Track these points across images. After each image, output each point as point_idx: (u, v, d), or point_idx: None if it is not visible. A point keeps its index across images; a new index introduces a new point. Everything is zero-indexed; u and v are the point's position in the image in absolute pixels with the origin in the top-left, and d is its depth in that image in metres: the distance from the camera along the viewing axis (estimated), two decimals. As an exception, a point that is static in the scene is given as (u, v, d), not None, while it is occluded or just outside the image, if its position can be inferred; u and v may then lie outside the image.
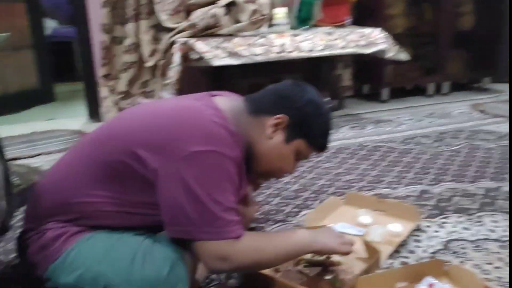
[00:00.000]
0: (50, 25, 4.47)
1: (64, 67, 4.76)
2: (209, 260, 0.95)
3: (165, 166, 0.93)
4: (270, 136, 1.06)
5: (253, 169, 1.11)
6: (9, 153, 2.35)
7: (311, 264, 1.24)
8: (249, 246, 0.98)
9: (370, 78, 3.58)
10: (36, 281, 1.04)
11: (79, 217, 1.02)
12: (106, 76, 2.78)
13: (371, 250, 1.28)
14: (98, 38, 2.77)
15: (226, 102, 1.07)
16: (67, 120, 3.10)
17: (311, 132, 1.09)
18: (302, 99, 1.07)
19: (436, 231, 1.47)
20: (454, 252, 1.34)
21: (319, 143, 1.12)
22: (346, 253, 1.14)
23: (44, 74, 3.70)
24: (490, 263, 1.28)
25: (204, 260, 0.96)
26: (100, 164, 1.01)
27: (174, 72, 2.28)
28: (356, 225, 1.49)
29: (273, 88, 1.13)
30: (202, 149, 0.93)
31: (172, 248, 0.99)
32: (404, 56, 2.84)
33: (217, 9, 2.43)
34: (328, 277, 1.20)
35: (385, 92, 3.47)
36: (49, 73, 3.85)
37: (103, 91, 2.79)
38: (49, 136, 2.74)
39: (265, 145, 1.07)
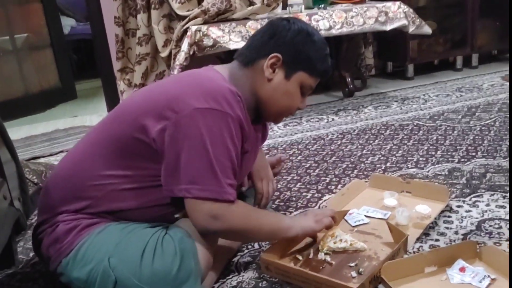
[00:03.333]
0: (69, 23, 4.50)
1: (85, 64, 4.82)
2: (201, 217, 0.95)
3: (168, 127, 0.94)
4: (270, 77, 1.07)
5: (265, 115, 1.13)
6: (30, 152, 2.38)
7: (334, 252, 1.18)
8: (241, 211, 1.00)
9: (394, 55, 3.45)
10: (53, 279, 1.04)
11: (90, 204, 1.01)
12: (122, 70, 2.76)
13: (397, 234, 1.21)
14: (113, 33, 2.75)
15: (223, 67, 1.11)
16: (89, 116, 3.11)
17: (308, 61, 1.08)
18: (290, 31, 1.07)
19: (468, 211, 1.38)
20: (488, 233, 1.25)
21: (319, 69, 1.11)
22: (327, 227, 1.17)
23: (64, 73, 3.73)
24: (528, 243, 1.19)
25: (196, 217, 0.96)
26: (111, 142, 1.01)
27: (182, 58, 2.24)
28: (381, 208, 1.41)
29: (258, 32, 1.12)
30: (204, 106, 0.93)
31: (184, 240, 0.96)
32: (427, 29, 2.71)
33: (229, -7, 2.37)
34: (352, 264, 1.14)
35: (410, 69, 3.33)
36: (70, 71, 3.88)
37: (121, 85, 2.78)
38: (70, 133, 2.74)
39: (268, 87, 1.07)
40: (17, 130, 2.90)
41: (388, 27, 2.59)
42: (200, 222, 0.95)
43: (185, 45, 2.24)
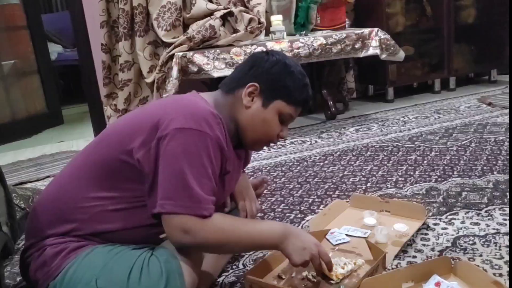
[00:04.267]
0: (56, 49, 4.55)
1: (72, 89, 4.86)
2: (174, 232, 0.97)
3: (151, 147, 0.99)
4: (248, 105, 1.12)
5: (245, 142, 1.17)
6: (17, 177, 2.40)
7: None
8: (217, 226, 1.00)
9: (374, 79, 3.56)
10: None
11: (77, 226, 1.03)
12: (109, 96, 2.81)
13: (376, 251, 1.25)
14: (99, 59, 2.81)
15: (207, 94, 1.17)
16: (75, 141, 3.14)
17: (285, 90, 1.12)
18: (268, 62, 1.13)
19: (444, 229, 1.43)
20: (463, 249, 1.31)
21: (296, 98, 1.14)
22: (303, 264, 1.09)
23: (51, 98, 3.76)
24: (500, 258, 1.25)
25: (169, 231, 0.98)
26: (97, 165, 1.04)
27: (172, 86, 2.29)
28: (361, 227, 1.46)
29: (241, 64, 1.20)
30: (183, 126, 0.98)
31: (169, 261, 0.99)
32: (400, 56, 2.82)
33: (214, 21, 2.45)
34: (333, 281, 1.18)
35: (390, 92, 3.43)
36: (56, 97, 3.91)
37: (107, 110, 2.82)
38: (57, 158, 2.76)
39: (246, 115, 1.12)
40: (3, 156, 2.91)
41: (361, 55, 2.74)
42: (173, 236, 0.98)
43: (174, 72, 2.30)
